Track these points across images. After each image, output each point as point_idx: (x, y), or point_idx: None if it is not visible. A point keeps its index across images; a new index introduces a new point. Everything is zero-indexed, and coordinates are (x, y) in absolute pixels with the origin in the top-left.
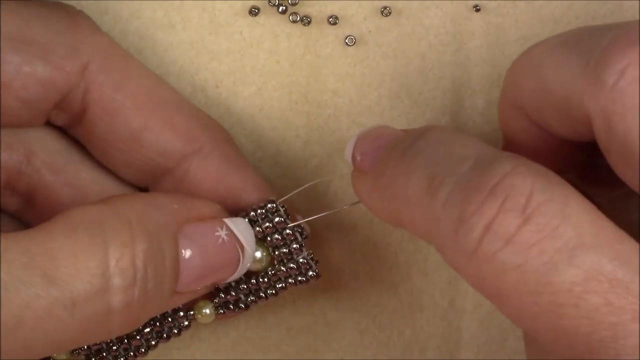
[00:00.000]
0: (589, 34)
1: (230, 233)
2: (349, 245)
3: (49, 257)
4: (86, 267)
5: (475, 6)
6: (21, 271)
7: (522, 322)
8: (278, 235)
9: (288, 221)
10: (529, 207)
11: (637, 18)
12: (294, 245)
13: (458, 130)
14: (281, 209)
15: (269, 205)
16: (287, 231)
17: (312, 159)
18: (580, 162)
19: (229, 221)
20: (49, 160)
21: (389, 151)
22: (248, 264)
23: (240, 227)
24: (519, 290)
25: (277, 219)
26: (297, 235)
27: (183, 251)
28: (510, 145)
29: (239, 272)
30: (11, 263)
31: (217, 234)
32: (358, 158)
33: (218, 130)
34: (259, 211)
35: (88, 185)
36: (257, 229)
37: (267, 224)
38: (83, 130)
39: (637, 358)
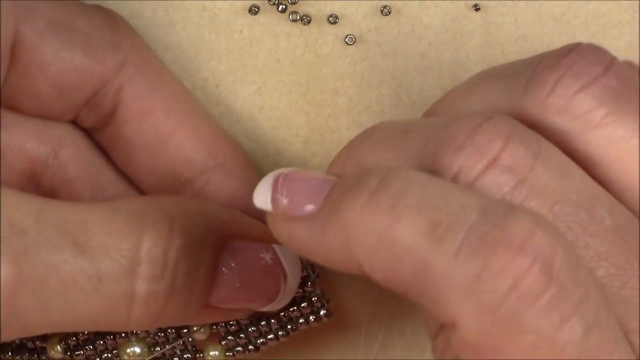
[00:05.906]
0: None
1: (276, 259)
2: None
3: (83, 228)
4: (117, 247)
5: (475, 5)
6: (53, 233)
7: None
8: None
9: (307, 267)
10: (554, 272)
11: (636, 18)
12: (308, 284)
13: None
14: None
15: None
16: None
17: (312, 159)
18: None
19: (277, 247)
20: (76, 156)
21: (345, 191)
22: (289, 297)
23: (287, 257)
24: (529, 353)
25: None
26: (311, 273)
27: (223, 264)
28: None
29: (278, 303)
30: (44, 223)
31: (261, 255)
32: (284, 201)
33: (240, 150)
34: None
35: (110, 187)
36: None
37: None
38: (109, 133)
39: None
